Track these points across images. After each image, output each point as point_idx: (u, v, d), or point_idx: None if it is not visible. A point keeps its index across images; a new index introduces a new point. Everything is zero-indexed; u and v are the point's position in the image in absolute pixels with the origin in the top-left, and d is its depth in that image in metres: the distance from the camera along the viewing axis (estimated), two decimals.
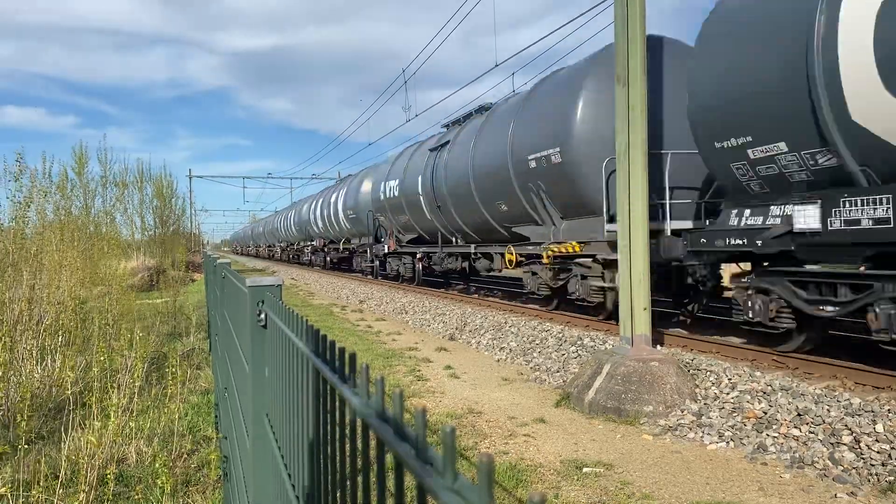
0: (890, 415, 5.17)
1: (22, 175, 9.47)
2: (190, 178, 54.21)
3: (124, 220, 30.89)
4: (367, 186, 25.57)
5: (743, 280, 7.95)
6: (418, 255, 20.01)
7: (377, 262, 24.35)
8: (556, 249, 11.24)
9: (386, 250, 22.27)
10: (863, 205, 6.26)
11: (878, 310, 6.17)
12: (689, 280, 10.20)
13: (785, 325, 7.37)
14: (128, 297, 12.04)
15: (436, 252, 18.42)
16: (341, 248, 31.34)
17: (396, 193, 19.79)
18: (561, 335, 9.70)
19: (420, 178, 17.74)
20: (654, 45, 10.04)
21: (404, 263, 21.30)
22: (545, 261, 11.76)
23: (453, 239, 16.95)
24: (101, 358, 6.93)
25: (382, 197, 21.31)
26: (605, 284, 10.23)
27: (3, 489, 4.10)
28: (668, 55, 10.25)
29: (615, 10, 7.65)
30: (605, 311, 10.82)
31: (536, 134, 11.50)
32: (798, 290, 7.16)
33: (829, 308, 6.80)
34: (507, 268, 14.12)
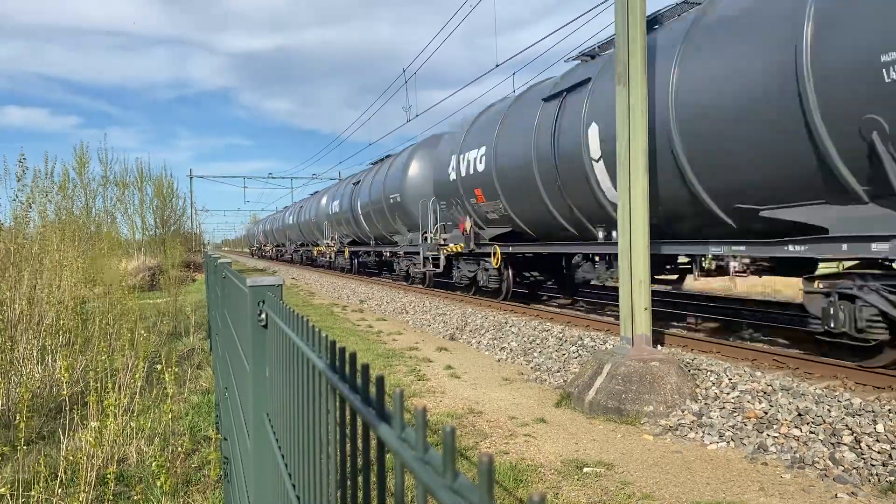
0: (890, 415, 5.17)
1: (24, 175, 9.47)
2: (191, 178, 54.22)
3: (125, 220, 30.90)
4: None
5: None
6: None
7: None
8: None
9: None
10: None
11: None
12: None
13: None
14: (129, 296, 12.04)
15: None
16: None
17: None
18: (561, 335, 9.70)
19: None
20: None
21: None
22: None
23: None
24: (102, 358, 6.93)
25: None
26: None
27: (3, 489, 4.10)
28: None
29: (615, 11, 7.65)
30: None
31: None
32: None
33: None
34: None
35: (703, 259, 8.27)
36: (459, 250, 15.53)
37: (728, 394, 6.30)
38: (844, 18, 5.94)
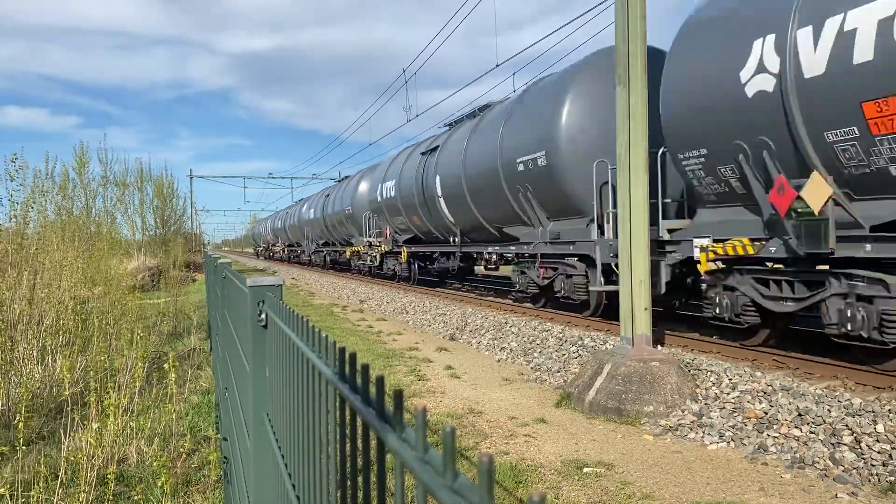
0: (891, 415, 5.16)
1: (18, 175, 9.46)
2: (191, 178, 54.22)
3: (125, 220, 30.88)
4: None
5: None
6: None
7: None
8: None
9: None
10: None
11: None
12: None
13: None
14: (128, 296, 12.03)
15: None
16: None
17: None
18: (562, 335, 9.70)
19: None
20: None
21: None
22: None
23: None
24: (102, 358, 6.93)
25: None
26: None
27: (3, 489, 4.10)
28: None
29: (616, 11, 7.65)
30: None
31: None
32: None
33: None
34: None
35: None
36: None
37: (728, 394, 6.30)
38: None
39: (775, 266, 7.68)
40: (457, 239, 16.76)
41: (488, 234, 14.87)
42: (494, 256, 15.07)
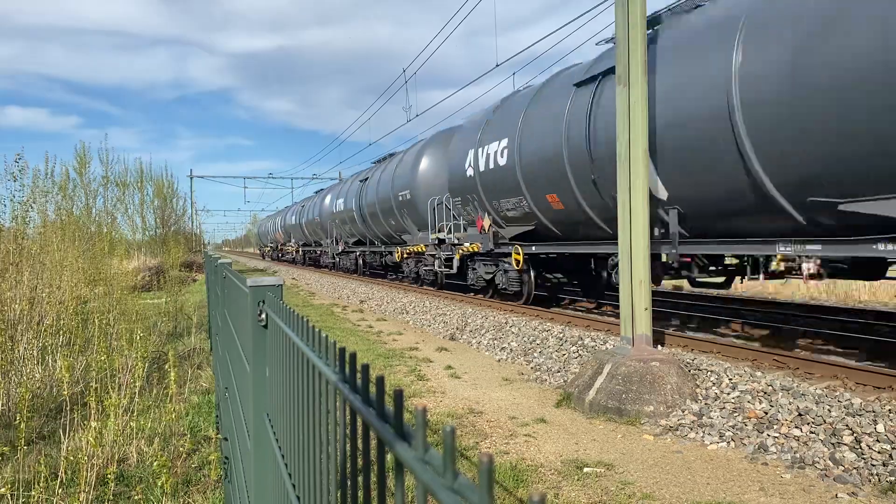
0: (891, 415, 5.16)
1: (23, 175, 9.47)
2: (191, 178, 54.21)
3: (125, 220, 30.87)
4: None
5: None
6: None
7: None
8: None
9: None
10: None
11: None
12: None
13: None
14: (129, 296, 12.04)
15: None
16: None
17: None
18: (562, 335, 9.70)
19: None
20: None
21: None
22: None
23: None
24: (102, 358, 6.93)
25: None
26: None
27: (4, 489, 4.10)
28: None
29: (615, 11, 7.65)
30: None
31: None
32: None
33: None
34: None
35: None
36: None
37: (728, 394, 6.30)
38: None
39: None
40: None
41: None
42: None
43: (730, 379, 6.55)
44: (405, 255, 20.41)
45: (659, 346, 8.21)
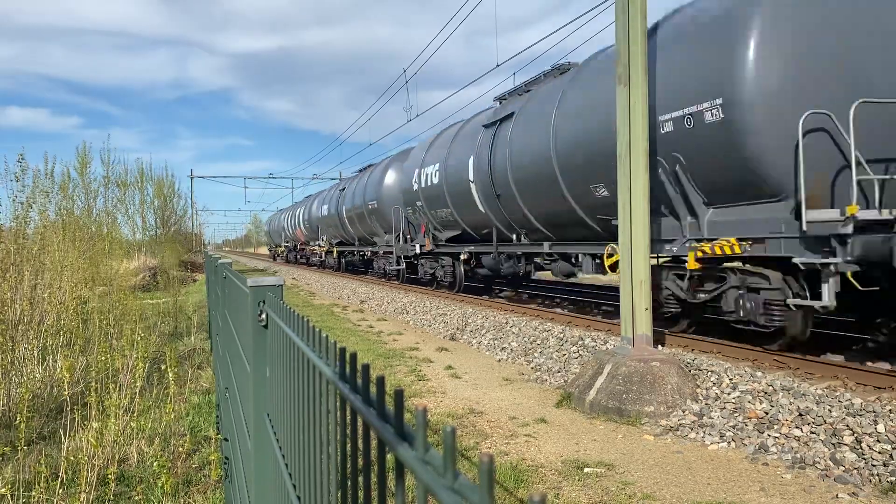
0: (891, 415, 5.16)
1: (24, 175, 9.47)
2: (191, 178, 54.22)
3: (125, 220, 30.90)
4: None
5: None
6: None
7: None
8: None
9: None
10: None
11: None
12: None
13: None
14: (129, 297, 12.05)
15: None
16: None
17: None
18: (562, 335, 9.70)
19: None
20: None
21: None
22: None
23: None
24: (102, 358, 6.93)
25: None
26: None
27: (4, 489, 4.10)
28: None
29: (616, 11, 7.65)
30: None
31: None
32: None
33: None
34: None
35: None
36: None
37: (729, 394, 6.30)
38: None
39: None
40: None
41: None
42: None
43: (730, 379, 6.55)
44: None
45: (659, 346, 8.21)
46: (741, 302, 7.65)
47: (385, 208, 21.88)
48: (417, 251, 18.52)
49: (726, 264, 8.00)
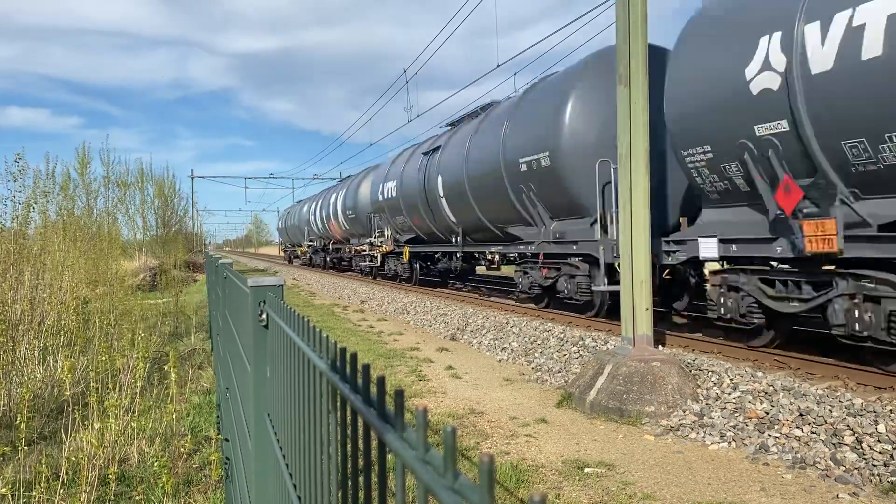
0: (892, 415, 5.16)
1: (24, 176, 9.47)
2: (192, 178, 54.24)
3: (126, 220, 30.90)
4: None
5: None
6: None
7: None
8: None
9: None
10: None
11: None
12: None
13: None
14: (130, 297, 12.05)
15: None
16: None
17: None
18: (563, 335, 9.70)
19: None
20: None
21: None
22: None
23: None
24: (103, 358, 6.93)
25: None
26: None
27: (5, 489, 4.11)
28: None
29: (616, 11, 7.65)
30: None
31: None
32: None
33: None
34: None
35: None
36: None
37: (729, 394, 6.29)
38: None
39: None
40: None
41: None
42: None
43: (731, 379, 6.55)
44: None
45: (660, 347, 8.21)
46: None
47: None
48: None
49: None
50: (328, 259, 34.05)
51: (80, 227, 12.45)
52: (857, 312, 6.35)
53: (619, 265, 8.56)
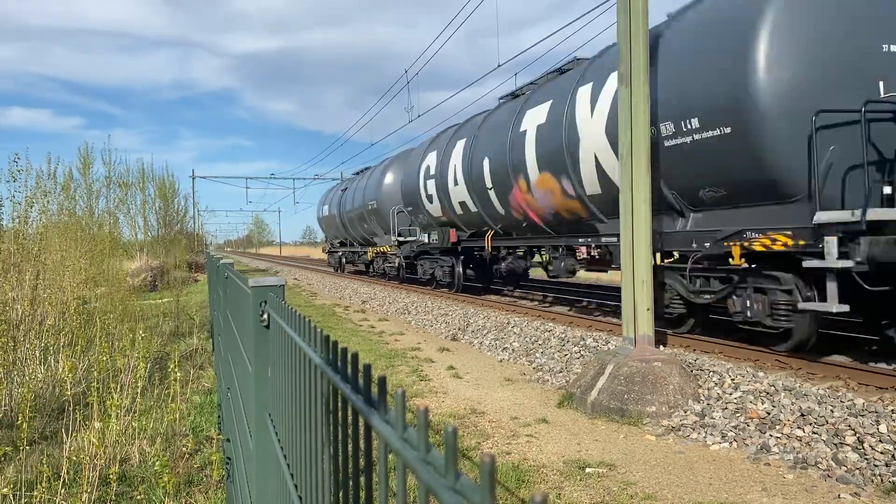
0: (894, 415, 5.15)
1: (27, 176, 9.48)
2: (193, 178, 54.27)
3: (127, 220, 30.95)
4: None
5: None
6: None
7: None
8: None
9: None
10: None
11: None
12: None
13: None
14: (131, 297, 12.06)
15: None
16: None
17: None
18: (563, 335, 9.70)
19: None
20: None
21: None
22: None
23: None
24: (104, 358, 6.94)
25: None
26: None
27: (6, 489, 4.11)
28: None
29: (617, 11, 7.65)
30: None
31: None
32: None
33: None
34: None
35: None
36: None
37: (731, 394, 6.29)
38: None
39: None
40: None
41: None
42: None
43: (732, 379, 6.54)
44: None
45: (661, 347, 8.20)
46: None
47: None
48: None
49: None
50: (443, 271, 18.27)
51: (82, 228, 12.46)
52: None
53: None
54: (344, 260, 19.93)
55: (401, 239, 20.16)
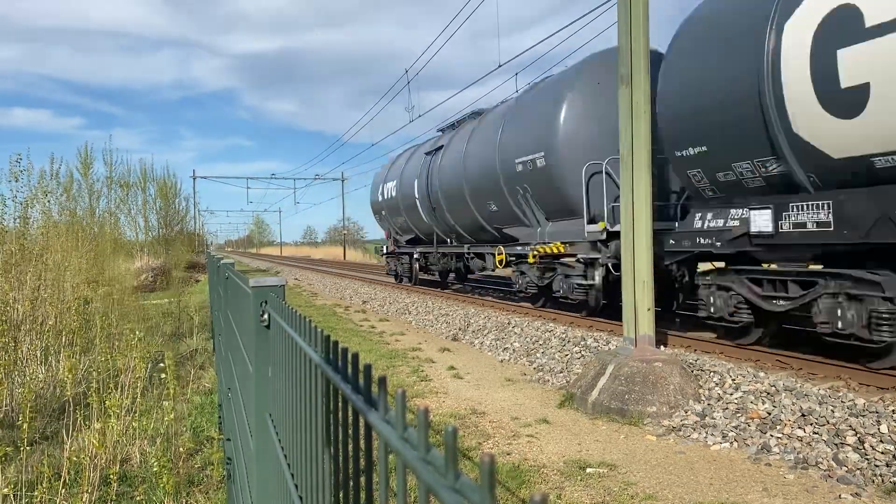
0: (895, 415, 5.15)
1: (29, 176, 9.48)
2: (194, 178, 54.31)
3: (128, 220, 30.96)
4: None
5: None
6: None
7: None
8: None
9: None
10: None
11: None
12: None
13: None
14: (131, 297, 12.06)
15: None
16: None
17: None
18: (564, 336, 9.69)
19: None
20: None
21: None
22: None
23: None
24: (104, 358, 6.94)
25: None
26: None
27: (7, 490, 4.11)
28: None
29: (618, 11, 7.64)
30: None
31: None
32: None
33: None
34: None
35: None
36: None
37: (731, 394, 6.29)
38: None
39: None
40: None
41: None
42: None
43: (732, 379, 6.54)
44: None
45: (662, 347, 8.20)
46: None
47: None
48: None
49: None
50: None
51: (83, 228, 12.46)
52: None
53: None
54: (417, 266, 18.58)
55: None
